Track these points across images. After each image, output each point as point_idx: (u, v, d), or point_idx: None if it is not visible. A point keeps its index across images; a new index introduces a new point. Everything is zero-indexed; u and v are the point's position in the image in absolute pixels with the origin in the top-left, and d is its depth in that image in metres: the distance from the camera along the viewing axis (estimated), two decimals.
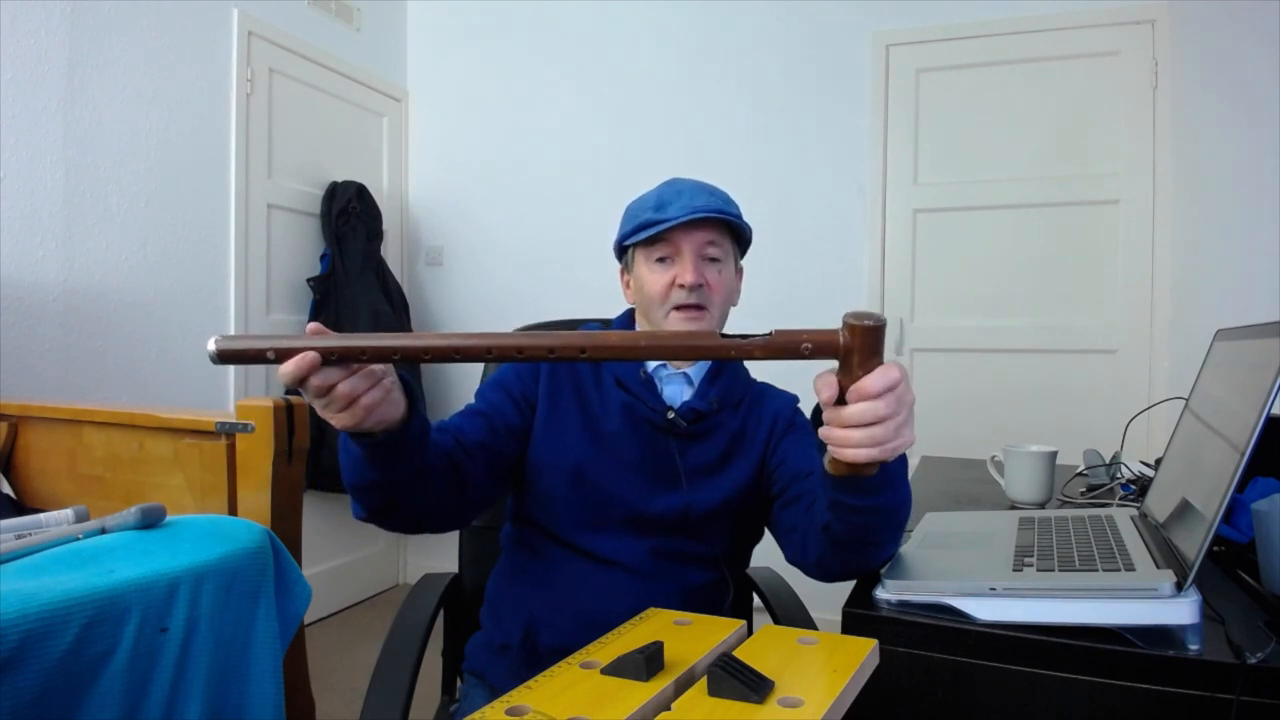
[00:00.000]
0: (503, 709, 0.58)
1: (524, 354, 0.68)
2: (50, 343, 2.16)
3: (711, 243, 1.07)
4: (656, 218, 1.06)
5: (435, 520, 0.98)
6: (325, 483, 2.97)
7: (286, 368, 0.69)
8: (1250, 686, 0.66)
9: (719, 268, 1.08)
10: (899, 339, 2.93)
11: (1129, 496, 1.33)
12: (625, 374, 1.11)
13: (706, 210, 1.04)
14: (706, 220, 1.05)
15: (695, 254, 1.06)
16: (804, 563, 0.98)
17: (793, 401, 1.17)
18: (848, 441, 0.71)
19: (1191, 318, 2.44)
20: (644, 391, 1.10)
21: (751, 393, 1.17)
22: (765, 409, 1.14)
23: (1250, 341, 0.88)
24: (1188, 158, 2.52)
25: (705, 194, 1.08)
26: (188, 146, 2.58)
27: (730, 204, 1.10)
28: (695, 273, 1.05)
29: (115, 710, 0.91)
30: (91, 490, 1.60)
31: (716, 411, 1.11)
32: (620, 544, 1.07)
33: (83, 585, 0.91)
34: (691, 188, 1.09)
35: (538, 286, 3.36)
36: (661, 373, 1.12)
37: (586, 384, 1.12)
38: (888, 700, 0.78)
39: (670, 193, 1.09)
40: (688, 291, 1.05)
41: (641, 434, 1.09)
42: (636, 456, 1.08)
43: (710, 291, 1.07)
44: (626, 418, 1.09)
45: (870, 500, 0.80)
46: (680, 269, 1.06)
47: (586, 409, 1.11)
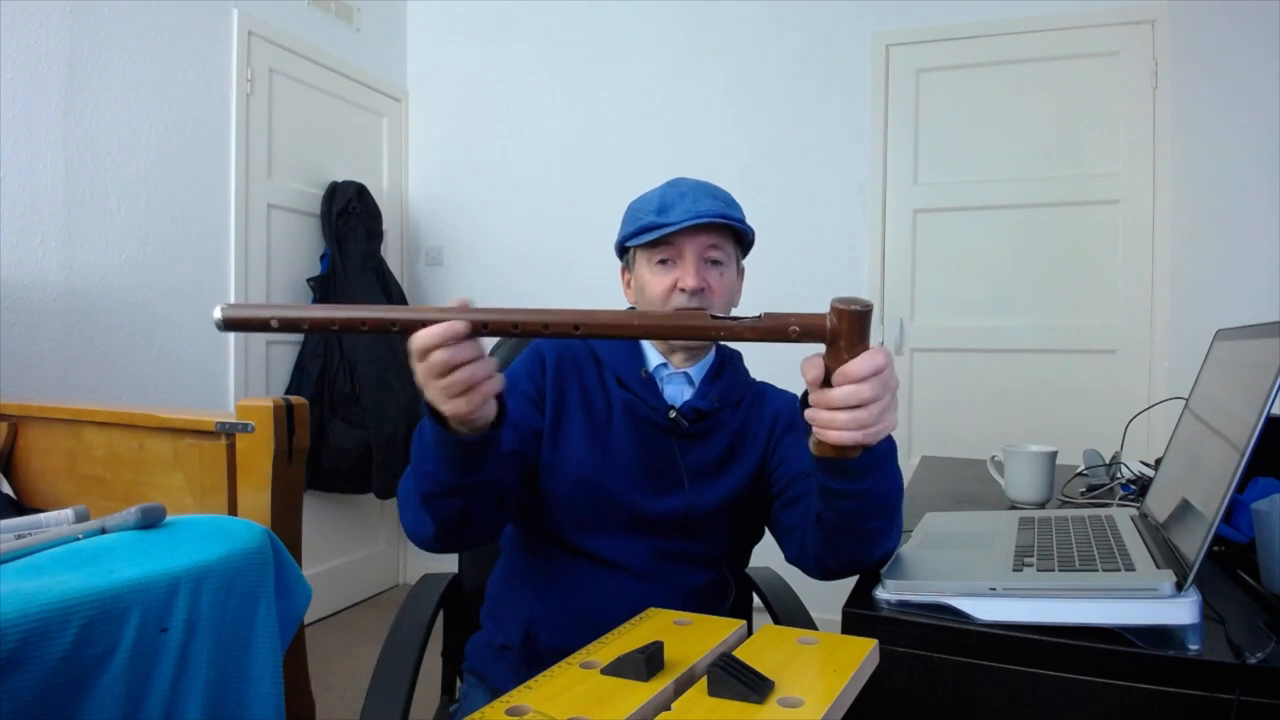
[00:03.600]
0: (503, 709, 0.58)
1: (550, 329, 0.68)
2: (50, 343, 2.16)
3: (714, 246, 1.07)
4: (659, 221, 1.05)
5: (491, 533, 0.96)
6: (325, 483, 2.97)
7: (427, 334, 0.66)
8: (1250, 686, 0.66)
9: (720, 270, 1.08)
10: (899, 339, 2.93)
11: (1129, 496, 1.33)
12: (626, 373, 1.10)
13: (710, 215, 1.04)
14: (709, 224, 1.05)
15: (697, 257, 1.06)
16: (803, 561, 0.98)
17: (793, 401, 1.16)
18: (832, 424, 0.72)
19: (1191, 318, 2.44)
20: (645, 391, 1.09)
21: (751, 393, 1.17)
22: (766, 408, 1.14)
23: (1250, 341, 0.88)
24: (1188, 158, 2.52)
25: (709, 197, 1.08)
26: (188, 146, 2.58)
27: (733, 206, 1.10)
28: (697, 277, 1.05)
29: (115, 710, 0.91)
30: (91, 490, 1.60)
31: (717, 411, 1.11)
32: (621, 545, 1.07)
33: (83, 585, 0.91)
34: (694, 189, 1.08)
35: (538, 286, 3.36)
36: (663, 372, 1.12)
37: (590, 383, 1.12)
38: (888, 700, 0.78)
39: (673, 194, 1.08)
40: (689, 295, 1.05)
41: (643, 434, 1.09)
42: (638, 456, 1.08)
43: (712, 295, 1.06)
44: (628, 417, 1.09)
45: (858, 485, 0.80)
46: (682, 272, 1.06)
47: (590, 409, 1.10)
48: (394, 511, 3.41)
